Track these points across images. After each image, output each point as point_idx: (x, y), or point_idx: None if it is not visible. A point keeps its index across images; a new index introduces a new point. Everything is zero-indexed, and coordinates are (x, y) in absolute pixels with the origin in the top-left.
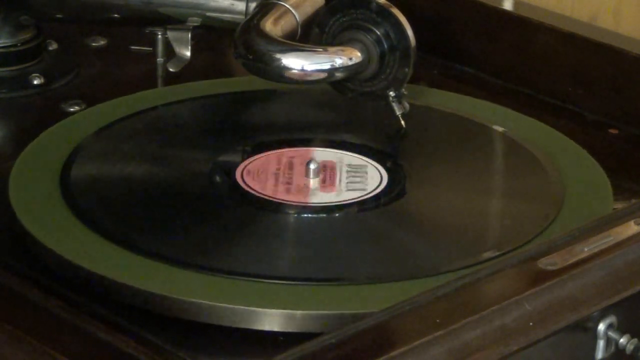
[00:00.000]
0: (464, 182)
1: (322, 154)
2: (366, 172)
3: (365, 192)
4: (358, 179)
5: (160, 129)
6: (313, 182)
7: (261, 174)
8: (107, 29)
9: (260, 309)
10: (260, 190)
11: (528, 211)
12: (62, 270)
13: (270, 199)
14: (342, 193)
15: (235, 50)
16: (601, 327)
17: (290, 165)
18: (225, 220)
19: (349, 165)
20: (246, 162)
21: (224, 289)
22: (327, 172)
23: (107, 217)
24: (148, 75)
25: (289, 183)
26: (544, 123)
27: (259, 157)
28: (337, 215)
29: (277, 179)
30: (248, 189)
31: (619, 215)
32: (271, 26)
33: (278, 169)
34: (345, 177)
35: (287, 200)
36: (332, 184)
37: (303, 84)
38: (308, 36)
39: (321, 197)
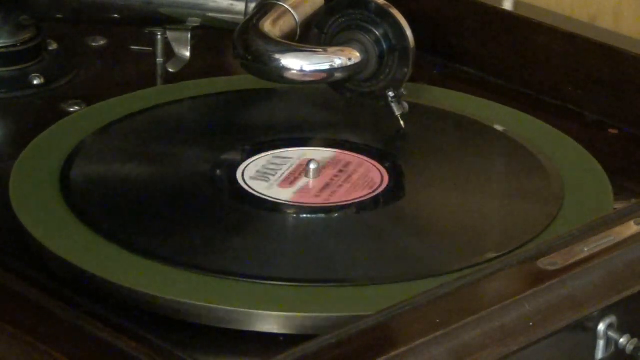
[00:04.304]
0: (464, 182)
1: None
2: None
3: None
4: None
5: (160, 129)
6: (314, 182)
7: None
8: (107, 29)
9: (259, 311)
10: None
11: (528, 211)
12: (62, 271)
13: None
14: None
15: (235, 50)
16: (601, 327)
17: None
18: (226, 220)
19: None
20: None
21: (225, 290)
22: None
23: (107, 217)
24: (148, 75)
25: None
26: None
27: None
28: (336, 215)
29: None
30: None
31: (619, 215)
32: (270, 27)
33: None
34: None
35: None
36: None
37: (302, 85)
38: (307, 37)
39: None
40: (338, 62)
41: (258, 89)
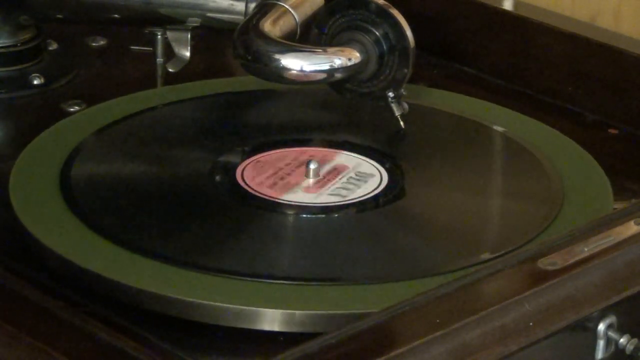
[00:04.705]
0: (464, 182)
1: (322, 153)
2: (363, 169)
3: (369, 190)
4: (358, 176)
5: (160, 129)
6: (314, 182)
7: (261, 173)
8: (107, 29)
9: (259, 309)
10: (260, 190)
11: (528, 211)
12: (62, 270)
13: (270, 199)
14: (352, 191)
15: (235, 50)
16: (601, 327)
17: (290, 165)
18: (225, 220)
19: (342, 161)
20: (246, 162)
21: (224, 288)
22: (327, 172)
23: (107, 217)
24: (148, 75)
25: (289, 183)
26: (543, 123)
27: (259, 157)
28: (336, 215)
29: (277, 179)
30: (248, 189)
31: (619, 215)
32: (270, 27)
33: (278, 169)
34: (346, 175)
35: (287, 200)
36: (336, 182)
37: (302, 85)
38: (307, 37)
39: (327, 197)
40: (338, 62)
41: (258, 89)
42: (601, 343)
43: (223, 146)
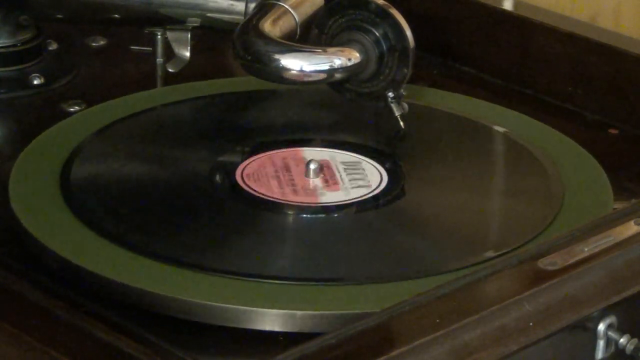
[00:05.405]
0: (464, 182)
1: (322, 154)
2: (363, 169)
3: (371, 189)
4: (359, 176)
5: (160, 129)
6: (314, 182)
7: (261, 174)
8: (107, 29)
9: (260, 309)
10: (260, 191)
11: (528, 211)
12: (62, 270)
13: (270, 199)
14: (349, 191)
15: (234, 51)
16: (601, 327)
17: (290, 165)
18: (225, 220)
19: (345, 163)
20: (246, 162)
21: (224, 289)
22: (327, 172)
23: (107, 217)
24: (148, 75)
25: (289, 183)
26: (543, 123)
27: (259, 157)
28: (336, 215)
29: (277, 179)
30: (248, 189)
31: (619, 215)
32: (270, 27)
33: (278, 169)
34: (346, 175)
35: (287, 201)
36: (336, 182)
37: (302, 85)
38: (307, 37)
39: (327, 197)
40: (338, 62)
41: (258, 89)
42: (601, 343)
43: (223, 146)
